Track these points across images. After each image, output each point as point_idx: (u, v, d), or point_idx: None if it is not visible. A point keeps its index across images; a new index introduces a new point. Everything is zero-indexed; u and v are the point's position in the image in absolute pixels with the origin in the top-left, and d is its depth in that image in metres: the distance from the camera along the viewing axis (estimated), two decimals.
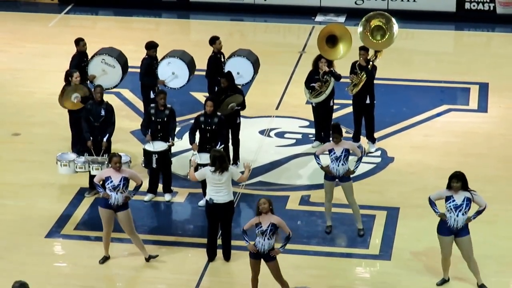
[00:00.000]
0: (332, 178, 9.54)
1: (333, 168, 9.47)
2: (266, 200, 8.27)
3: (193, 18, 16.82)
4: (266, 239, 8.24)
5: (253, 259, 8.39)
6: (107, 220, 9.03)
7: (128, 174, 8.99)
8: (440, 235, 8.63)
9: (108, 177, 8.93)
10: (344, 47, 11.41)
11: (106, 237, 9.15)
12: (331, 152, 9.45)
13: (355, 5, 16.44)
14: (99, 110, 10.26)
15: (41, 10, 16.96)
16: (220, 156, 8.92)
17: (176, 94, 12.01)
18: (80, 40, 11.69)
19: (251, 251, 8.35)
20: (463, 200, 8.46)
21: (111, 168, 8.99)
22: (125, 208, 8.98)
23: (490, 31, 16.13)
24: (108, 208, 8.96)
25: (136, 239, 9.12)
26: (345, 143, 9.49)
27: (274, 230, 8.23)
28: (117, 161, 8.92)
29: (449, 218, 8.52)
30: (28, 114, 12.61)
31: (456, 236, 8.57)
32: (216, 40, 11.69)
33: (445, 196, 8.53)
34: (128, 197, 8.98)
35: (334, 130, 9.49)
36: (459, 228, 8.51)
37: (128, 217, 9.00)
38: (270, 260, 8.35)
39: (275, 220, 8.24)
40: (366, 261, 9.30)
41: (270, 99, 13.05)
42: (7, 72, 14.06)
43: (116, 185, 8.90)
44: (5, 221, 9.97)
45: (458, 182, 8.45)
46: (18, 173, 10.99)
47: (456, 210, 8.48)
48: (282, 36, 16.22)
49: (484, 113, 12.70)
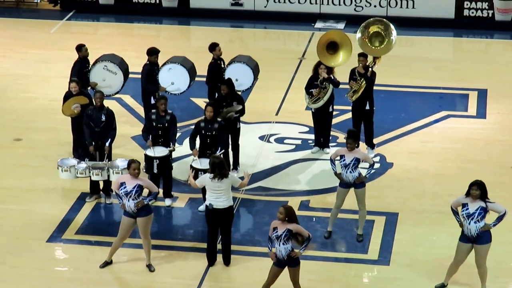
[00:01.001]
0: (346, 185, 9.54)
1: (342, 174, 9.49)
2: (283, 210, 8.28)
3: (194, 24, 16.91)
4: (281, 244, 8.27)
5: (277, 267, 8.41)
6: (125, 228, 9.05)
7: (143, 183, 9.02)
8: (459, 241, 8.70)
9: (123, 183, 8.98)
10: (344, 54, 11.47)
11: (117, 243, 9.18)
12: (342, 158, 9.47)
13: (354, 11, 16.53)
14: (100, 116, 10.32)
15: (43, 17, 17.05)
16: (219, 162, 8.97)
17: (177, 100, 12.08)
18: (82, 46, 11.75)
19: (272, 259, 8.39)
20: (477, 209, 8.50)
21: (129, 174, 9.03)
22: (145, 215, 8.99)
23: (489, 37, 16.21)
24: (130, 216, 8.99)
25: (147, 243, 9.14)
26: (357, 152, 9.47)
27: (289, 235, 8.26)
28: (136, 167, 8.95)
29: (464, 226, 8.59)
30: (30, 120, 12.68)
31: (475, 242, 8.61)
32: (216, 47, 11.76)
33: (462, 203, 8.59)
34: (139, 203, 8.96)
35: (349, 135, 9.46)
36: (476, 236, 8.56)
37: (146, 223, 9.00)
38: (294, 266, 8.37)
39: (292, 227, 8.28)
40: (365, 266, 9.35)
41: (270, 105, 13.12)
42: (9, 77, 14.13)
43: (129, 191, 8.93)
44: (6, 225, 10.02)
45: (477, 190, 8.48)
46: (20, 178, 11.05)
47: (468, 218, 8.53)
48: (282, 43, 16.30)
49: (482, 119, 12.76)
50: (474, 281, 8.90)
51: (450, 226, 9.17)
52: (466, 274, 8.92)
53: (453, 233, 9.01)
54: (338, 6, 16.56)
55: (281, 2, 16.70)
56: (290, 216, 8.28)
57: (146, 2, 17.11)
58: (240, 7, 16.82)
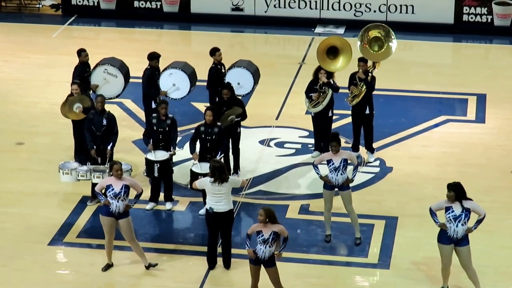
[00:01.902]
0: (331, 187, 9.62)
1: (332, 178, 9.55)
2: (263, 212, 8.31)
3: (194, 29, 16.97)
4: (268, 247, 8.32)
5: (253, 265, 8.46)
6: (109, 228, 9.13)
7: (128, 182, 9.10)
8: (440, 244, 8.70)
9: (109, 185, 9.03)
10: (344, 59, 11.52)
11: (109, 245, 9.24)
12: (330, 163, 9.53)
13: (354, 17, 16.60)
14: (101, 120, 10.37)
15: (45, 21, 17.12)
16: (219, 167, 8.99)
17: (178, 104, 12.13)
18: (82, 51, 11.80)
19: (250, 256, 8.43)
20: (462, 211, 8.54)
21: (112, 176, 9.11)
22: (126, 216, 9.08)
23: (488, 43, 16.27)
24: (110, 216, 9.07)
25: (136, 246, 9.21)
26: (343, 153, 9.57)
27: (276, 238, 8.31)
28: (118, 168, 9.02)
29: (449, 229, 8.60)
30: (32, 124, 12.72)
31: (456, 245, 8.65)
32: (216, 52, 11.81)
33: (445, 206, 8.61)
34: (129, 206, 9.08)
35: (333, 138, 9.56)
36: (459, 238, 8.60)
37: (129, 225, 9.10)
38: (270, 266, 8.43)
39: (277, 228, 8.32)
40: (365, 270, 9.37)
41: (270, 110, 13.17)
42: (11, 82, 14.18)
43: (117, 193, 9.00)
44: (8, 229, 10.06)
45: (450, 192, 8.53)
46: (22, 182, 11.09)
47: (456, 220, 8.56)
48: (282, 48, 16.36)
49: (482, 124, 12.80)
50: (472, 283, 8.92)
51: None
52: (465, 276, 8.93)
53: None
54: (338, 11, 16.63)
55: (281, 7, 16.77)
56: (270, 217, 8.30)
57: (147, 7, 17.18)
58: (240, 12, 16.89)
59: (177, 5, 17.10)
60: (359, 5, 16.58)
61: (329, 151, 9.63)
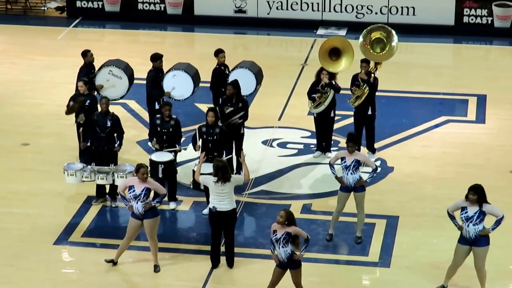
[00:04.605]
0: (347, 189, 9.65)
1: (343, 177, 9.61)
2: (283, 214, 8.37)
3: (198, 31, 17.07)
4: (280, 247, 8.37)
5: (279, 268, 8.53)
6: (132, 230, 9.20)
7: (151, 186, 9.17)
8: (458, 243, 8.79)
9: (132, 186, 9.14)
10: (346, 60, 11.59)
11: (123, 246, 9.31)
12: (342, 160, 9.59)
13: (356, 18, 16.69)
14: (105, 121, 10.45)
15: (50, 24, 17.22)
16: (222, 166, 9.04)
17: (181, 105, 12.22)
18: (87, 52, 11.90)
19: (275, 261, 8.50)
20: (475, 212, 8.60)
21: (136, 177, 9.20)
22: (152, 217, 9.14)
23: (488, 44, 16.34)
24: (137, 218, 9.15)
25: (153, 244, 9.27)
26: (358, 154, 9.60)
27: (288, 238, 8.35)
28: (145, 172, 9.11)
29: (463, 229, 8.68)
30: (37, 125, 12.82)
31: (474, 245, 8.72)
32: (220, 53, 11.91)
33: (461, 206, 8.69)
34: (147, 204, 9.10)
35: (349, 139, 9.59)
36: (474, 238, 8.66)
37: (151, 226, 9.14)
38: (295, 268, 8.48)
39: (291, 230, 8.38)
40: (366, 269, 9.45)
41: (273, 110, 13.26)
42: (16, 84, 14.27)
43: (138, 194, 9.09)
44: (13, 229, 10.14)
45: (474, 195, 8.57)
46: (27, 183, 11.18)
47: (467, 221, 8.63)
48: (285, 49, 16.45)
49: (482, 124, 12.87)
50: (473, 283, 9.00)
51: (450, 229, 9.23)
52: (465, 276, 9.02)
53: (452, 236, 9.09)
54: (340, 13, 16.72)
55: (283, 9, 16.87)
56: (289, 220, 8.38)
57: (151, 10, 17.30)
58: (243, 14, 16.99)
59: (181, 7, 17.22)
60: (360, 7, 16.68)
61: (345, 150, 9.65)
